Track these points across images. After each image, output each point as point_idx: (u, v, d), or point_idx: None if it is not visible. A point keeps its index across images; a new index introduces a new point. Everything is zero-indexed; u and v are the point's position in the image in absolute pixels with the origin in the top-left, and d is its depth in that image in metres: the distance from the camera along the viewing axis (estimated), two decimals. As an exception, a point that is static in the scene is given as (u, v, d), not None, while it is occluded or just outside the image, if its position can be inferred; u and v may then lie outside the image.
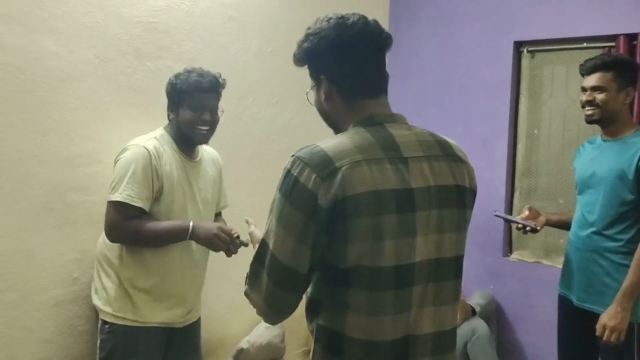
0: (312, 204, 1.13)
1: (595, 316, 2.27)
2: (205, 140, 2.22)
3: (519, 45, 3.40)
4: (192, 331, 2.30)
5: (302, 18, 3.18)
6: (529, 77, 3.40)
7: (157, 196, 2.09)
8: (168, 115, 2.22)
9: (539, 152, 3.40)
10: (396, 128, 1.26)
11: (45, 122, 2.15)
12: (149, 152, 2.07)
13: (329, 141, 1.21)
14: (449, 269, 1.26)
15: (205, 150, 2.34)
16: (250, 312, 2.86)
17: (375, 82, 1.30)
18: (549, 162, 3.36)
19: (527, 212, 2.49)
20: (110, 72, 2.33)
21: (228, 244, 2.08)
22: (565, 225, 2.56)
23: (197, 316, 2.33)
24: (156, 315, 2.14)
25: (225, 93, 2.64)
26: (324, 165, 1.15)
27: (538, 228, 2.43)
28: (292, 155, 1.20)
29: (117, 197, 2.01)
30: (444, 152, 1.28)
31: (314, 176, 1.14)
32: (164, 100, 2.49)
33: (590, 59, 2.36)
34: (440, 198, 1.23)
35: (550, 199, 3.34)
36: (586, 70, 2.35)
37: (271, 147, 3.11)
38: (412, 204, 1.18)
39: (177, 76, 2.18)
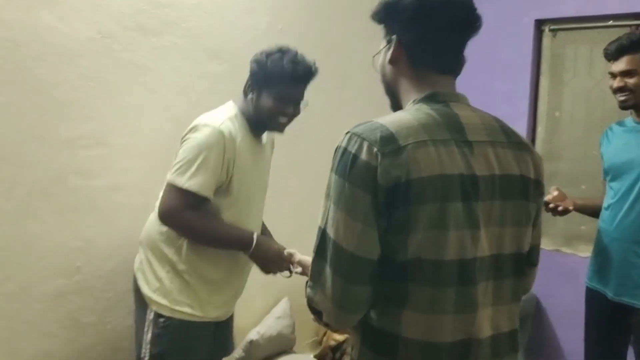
0: (374, 181, 1.02)
1: (631, 310, 2.15)
2: (281, 130, 2.03)
3: (540, 24, 3.26)
4: (228, 323, 2.18)
5: (315, -7, 3.08)
6: (550, 57, 3.27)
7: (225, 186, 1.90)
8: (245, 91, 1.99)
9: (560, 136, 3.27)
10: (461, 108, 1.15)
11: (44, 101, 2.02)
12: (224, 137, 1.85)
13: (388, 117, 1.10)
14: (507, 266, 1.15)
15: None
16: (260, 302, 2.77)
17: (449, 59, 1.19)
18: (571, 146, 3.23)
19: (555, 193, 2.34)
20: (113, 48, 2.20)
21: (282, 270, 1.95)
22: (590, 211, 2.43)
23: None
24: (214, 309, 2.00)
25: (233, 72, 2.52)
26: (385, 141, 1.04)
27: (570, 208, 2.29)
28: (347, 132, 1.10)
29: (184, 183, 1.82)
30: (509, 139, 1.17)
31: (374, 150, 1.03)
32: (169, 79, 2.38)
33: (614, 41, 2.22)
34: (504, 188, 1.12)
35: (572, 185, 3.21)
36: (612, 54, 2.21)
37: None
38: (476, 192, 1.08)
39: (268, 54, 1.95)
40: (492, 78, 3.36)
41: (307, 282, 1.15)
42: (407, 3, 1.15)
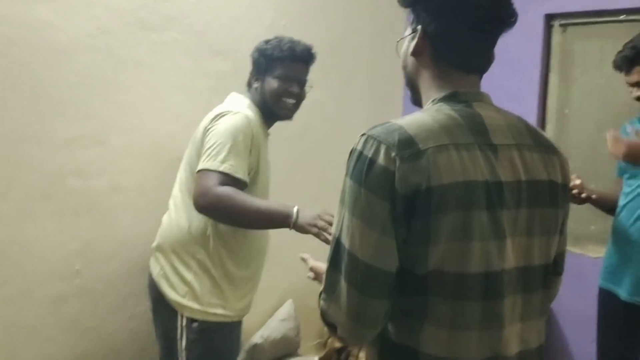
0: (392, 187, 0.95)
1: None
2: (290, 115, 2.05)
3: (549, 19, 3.17)
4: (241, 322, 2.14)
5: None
6: (560, 53, 3.18)
7: (252, 175, 1.88)
8: (250, 83, 2.04)
9: (569, 134, 3.19)
10: (484, 108, 1.07)
11: (41, 99, 1.96)
12: (250, 122, 1.86)
13: (406, 119, 1.03)
14: (537, 279, 1.08)
15: None
16: (263, 304, 2.69)
17: (477, 58, 1.10)
18: (581, 144, 3.16)
19: (578, 181, 2.24)
20: (112, 44, 2.13)
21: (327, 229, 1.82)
22: (607, 206, 2.34)
23: None
24: (241, 305, 1.98)
25: (236, 69, 2.45)
26: (404, 145, 0.96)
27: (593, 197, 2.22)
28: (363, 134, 1.02)
29: (217, 166, 1.76)
30: (536, 142, 1.09)
31: (392, 154, 0.96)
32: (170, 76, 2.32)
33: (620, 52, 2.17)
34: (531, 195, 1.04)
35: (582, 184, 3.14)
36: (619, 67, 2.18)
37: (285, 127, 2.90)
38: (501, 200, 1.00)
39: (267, 41, 2.02)
40: (500, 75, 3.23)
41: (320, 293, 1.08)
42: None
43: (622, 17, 2.93)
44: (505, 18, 1.07)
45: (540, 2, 3.14)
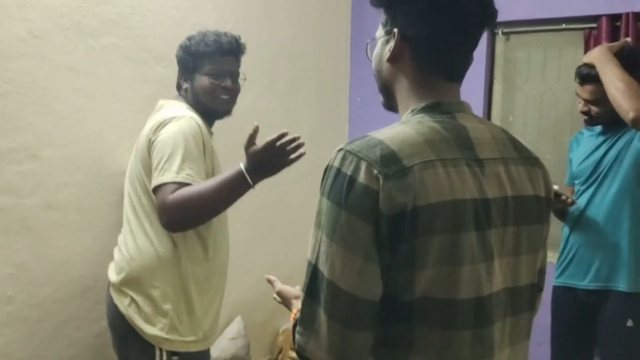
0: (375, 209, 0.87)
1: (606, 295, 2.21)
2: (228, 111, 1.95)
3: (493, 27, 3.21)
4: None
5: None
6: (503, 61, 3.23)
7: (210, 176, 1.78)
8: (179, 86, 1.94)
9: (514, 140, 3.25)
10: (467, 120, 1.00)
11: (-33, 110, 1.77)
12: (198, 124, 1.75)
13: (386, 131, 0.94)
14: (524, 300, 1.03)
15: None
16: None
17: (458, 63, 1.03)
18: (525, 150, 3.22)
19: (556, 187, 2.23)
20: (46, 50, 1.97)
21: (286, 149, 1.73)
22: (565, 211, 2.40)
23: None
24: (212, 328, 1.89)
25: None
26: (387, 161, 0.88)
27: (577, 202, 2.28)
28: (340, 149, 0.93)
29: (173, 177, 1.64)
30: (520, 154, 1.04)
31: (374, 172, 0.88)
32: (109, 83, 2.18)
33: (582, 66, 2.22)
34: (518, 212, 0.99)
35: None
36: (578, 79, 2.24)
37: (231, 136, 2.79)
38: (489, 219, 0.94)
39: (190, 38, 1.91)
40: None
41: (294, 325, 0.99)
42: None
43: (562, 26, 3.00)
44: (488, 17, 1.01)
45: (483, 10, 3.18)
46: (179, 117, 1.76)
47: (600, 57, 2.09)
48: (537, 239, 1.04)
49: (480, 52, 3.18)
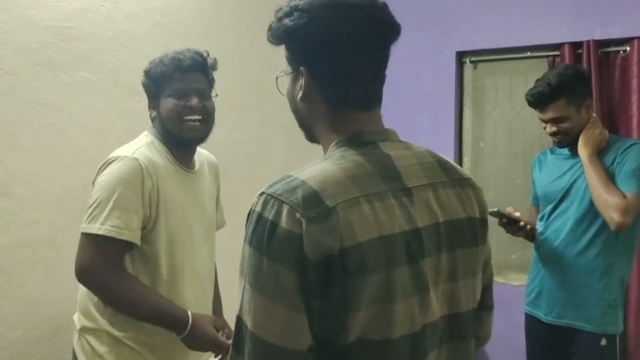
0: (300, 254, 0.83)
1: (572, 333, 2.18)
2: (199, 135, 1.72)
3: (461, 56, 3.29)
4: None
5: (234, 24, 2.94)
6: (472, 89, 3.30)
7: (151, 227, 1.62)
8: (150, 115, 1.75)
9: (485, 166, 3.30)
10: (392, 148, 0.97)
11: None
12: (140, 166, 1.59)
13: (308, 170, 0.90)
14: (464, 326, 0.99)
15: (201, 154, 1.88)
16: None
17: (371, 91, 0.99)
18: (496, 175, 3.27)
19: (518, 214, 2.25)
20: (16, 85, 1.96)
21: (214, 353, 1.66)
22: (531, 234, 2.40)
23: None
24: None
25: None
26: (309, 203, 0.84)
27: (536, 228, 2.26)
28: (261, 193, 0.89)
29: (97, 229, 1.53)
30: (449, 176, 1.00)
31: (297, 215, 0.83)
32: (82, 118, 2.16)
33: (534, 89, 2.15)
34: (451, 237, 0.96)
35: (499, 214, 3.24)
36: (535, 103, 2.16)
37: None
38: (421, 248, 0.91)
39: (150, 62, 1.74)
40: (416, 110, 3.35)
41: None
42: (312, 30, 0.94)
43: (527, 54, 3.08)
44: (390, 35, 0.98)
45: (451, 39, 3.25)
46: (121, 157, 1.61)
47: (590, 157, 2.09)
48: (473, 262, 1.00)
49: (449, 80, 3.27)
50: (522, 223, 2.22)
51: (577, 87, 2.14)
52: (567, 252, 2.20)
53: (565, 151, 2.29)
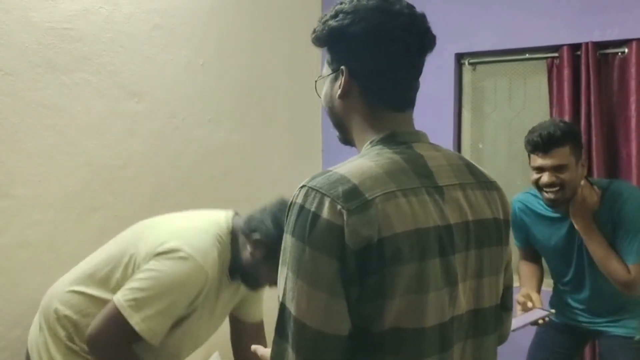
0: (341, 244, 0.88)
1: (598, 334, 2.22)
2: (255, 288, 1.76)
3: (459, 58, 3.30)
4: None
5: (234, 26, 2.95)
6: (471, 90, 3.32)
7: (175, 322, 1.59)
8: (247, 234, 1.63)
9: (484, 167, 3.21)
10: (424, 149, 1.03)
11: None
12: (207, 279, 1.54)
13: (346, 165, 0.96)
14: (488, 321, 1.05)
15: None
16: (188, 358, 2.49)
17: (406, 93, 1.06)
18: (495, 176, 3.13)
19: (530, 304, 2.14)
20: (17, 87, 1.95)
21: None
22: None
23: None
24: None
25: (153, 111, 2.33)
26: (349, 195, 0.90)
27: (553, 310, 2.17)
28: (302, 186, 0.94)
29: (135, 323, 1.48)
30: (476, 179, 1.07)
31: (338, 207, 0.88)
32: (82, 119, 2.17)
33: (541, 131, 2.00)
34: (479, 235, 1.01)
35: (499, 215, 3.25)
36: (542, 145, 1.99)
37: (206, 170, 2.80)
38: (452, 244, 0.96)
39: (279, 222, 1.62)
40: (415, 112, 3.33)
41: None
42: (358, 31, 1.01)
43: (526, 56, 3.10)
44: (427, 44, 1.05)
45: (450, 41, 3.26)
46: (193, 259, 1.52)
47: (586, 229, 2.04)
48: (498, 260, 1.06)
49: (448, 82, 3.27)
50: (530, 304, 2.15)
51: (579, 139, 2.09)
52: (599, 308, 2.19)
53: (557, 214, 2.17)
